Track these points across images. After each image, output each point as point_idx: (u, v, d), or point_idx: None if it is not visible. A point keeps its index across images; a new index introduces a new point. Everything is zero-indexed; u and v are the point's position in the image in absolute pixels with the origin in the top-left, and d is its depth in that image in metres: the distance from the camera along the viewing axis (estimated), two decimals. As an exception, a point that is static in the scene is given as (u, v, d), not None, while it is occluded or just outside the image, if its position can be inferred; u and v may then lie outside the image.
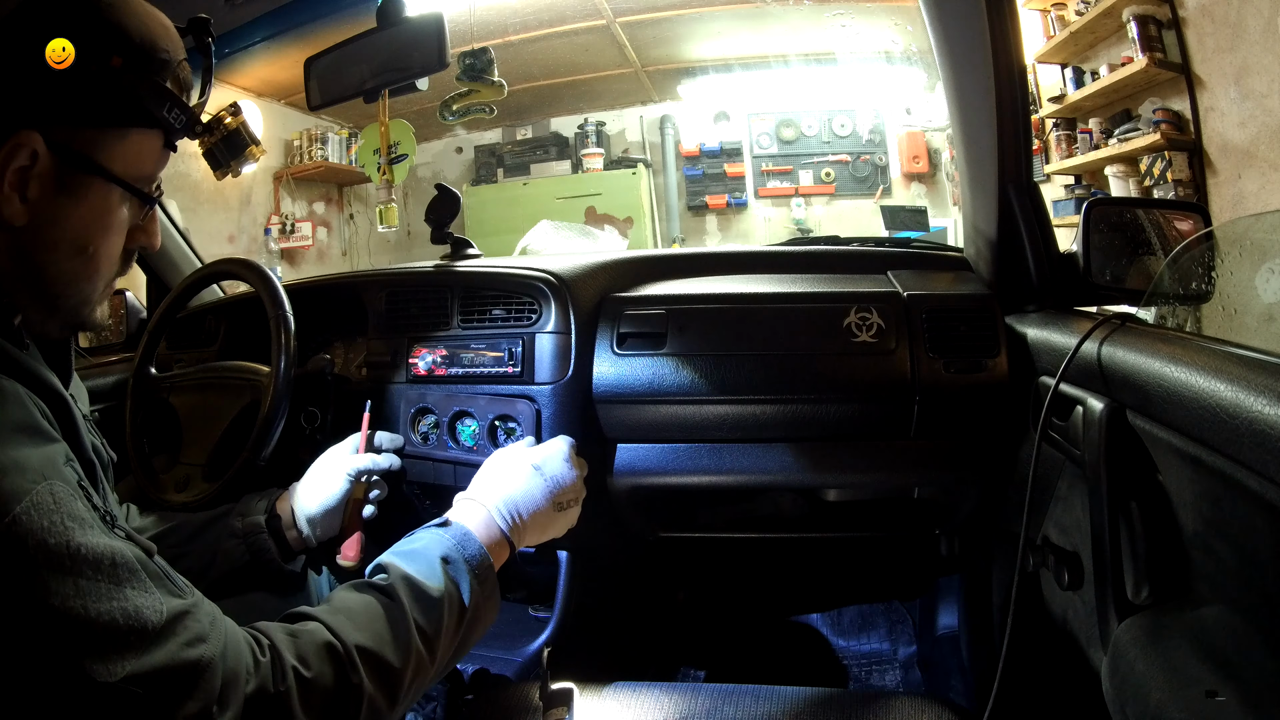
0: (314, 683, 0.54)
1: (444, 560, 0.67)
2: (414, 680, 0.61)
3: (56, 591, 0.44)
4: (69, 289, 0.58)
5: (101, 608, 0.45)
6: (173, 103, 0.59)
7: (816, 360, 0.99)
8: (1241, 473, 0.50)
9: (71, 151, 0.55)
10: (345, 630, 0.58)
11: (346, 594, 0.63)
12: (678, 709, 0.81)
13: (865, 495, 1.18)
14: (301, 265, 4.48)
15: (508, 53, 3.79)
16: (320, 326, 1.21)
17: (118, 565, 0.47)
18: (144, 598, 0.48)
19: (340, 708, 0.55)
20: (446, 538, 0.70)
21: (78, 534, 0.46)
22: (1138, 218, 1.00)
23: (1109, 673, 0.66)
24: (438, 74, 1.14)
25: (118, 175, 0.57)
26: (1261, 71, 2.31)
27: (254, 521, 0.88)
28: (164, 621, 0.48)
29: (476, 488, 0.79)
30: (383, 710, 0.58)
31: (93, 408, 1.25)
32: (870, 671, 1.45)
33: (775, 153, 4.89)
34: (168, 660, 0.47)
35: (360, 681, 0.56)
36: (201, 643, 0.49)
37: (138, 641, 0.46)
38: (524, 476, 0.80)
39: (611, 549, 1.23)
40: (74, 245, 0.57)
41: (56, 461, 0.49)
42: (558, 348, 1.00)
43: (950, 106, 0.99)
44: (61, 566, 0.45)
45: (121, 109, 0.56)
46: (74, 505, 0.47)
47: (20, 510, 0.44)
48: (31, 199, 0.53)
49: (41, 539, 0.44)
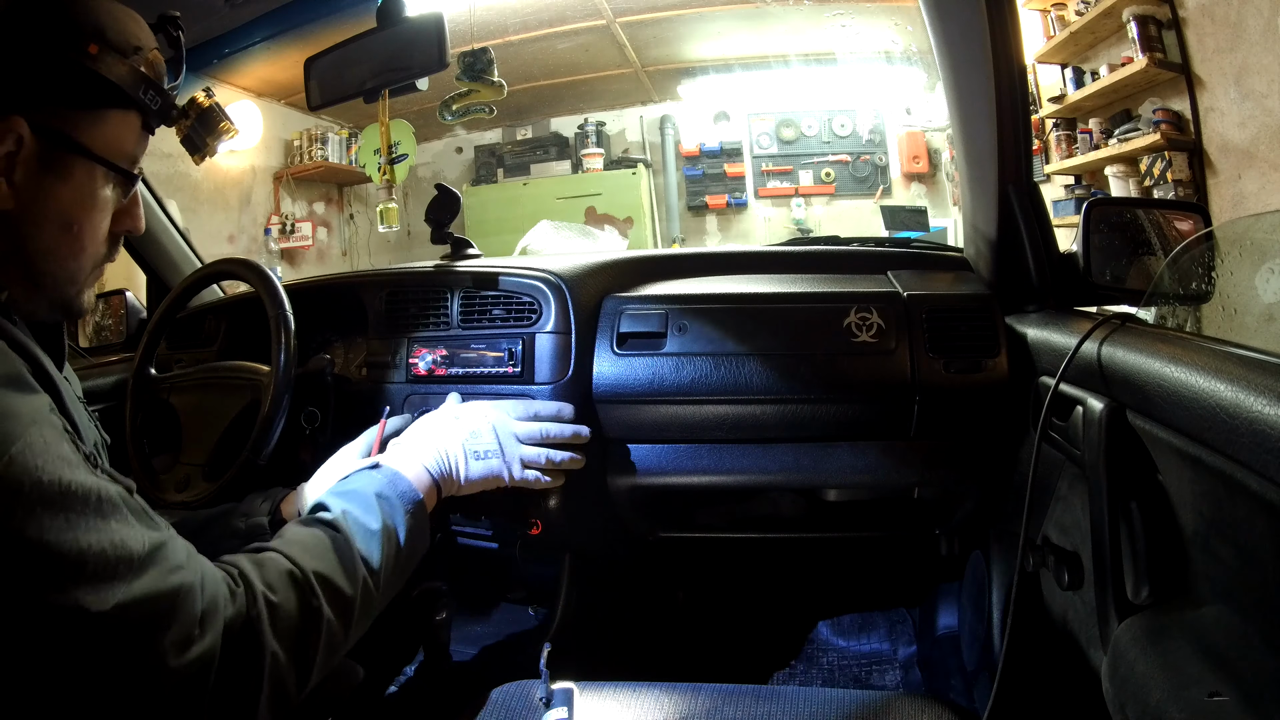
0: (281, 607, 0.58)
1: (378, 497, 0.72)
2: (362, 607, 0.65)
3: (50, 526, 0.46)
4: (54, 266, 0.62)
5: (91, 539, 0.48)
6: (147, 84, 0.64)
7: (816, 360, 0.99)
8: (1241, 473, 0.50)
9: (55, 133, 0.59)
10: (302, 559, 0.62)
11: (296, 528, 0.67)
12: (678, 709, 0.81)
13: (865, 495, 1.18)
14: (301, 265, 4.47)
15: (508, 53, 3.79)
16: (320, 326, 1.21)
17: (103, 500, 0.50)
18: (128, 529, 0.50)
19: (304, 630, 0.59)
20: (379, 478, 0.75)
21: (68, 472, 0.48)
22: (1138, 218, 1.00)
23: (1109, 673, 0.66)
24: (438, 74, 1.14)
25: (99, 154, 0.61)
26: (1261, 71, 2.31)
27: (258, 522, 0.87)
28: (146, 551, 0.50)
29: (405, 436, 0.86)
30: (337, 634, 0.62)
31: (93, 408, 1.25)
32: (870, 671, 1.44)
33: (775, 153, 4.89)
34: (153, 586, 0.49)
35: (319, 605, 0.60)
36: (181, 569, 0.52)
37: (125, 571, 0.49)
38: (443, 426, 0.86)
39: (611, 549, 1.23)
40: (59, 223, 0.61)
41: (43, 409, 0.51)
42: (558, 348, 1.00)
43: (950, 106, 0.99)
44: (54, 503, 0.47)
45: (99, 91, 0.61)
46: (62, 447, 0.50)
47: (16, 451, 0.46)
48: (18, 183, 0.57)
49: (36, 477, 0.46)
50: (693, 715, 0.80)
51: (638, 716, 0.81)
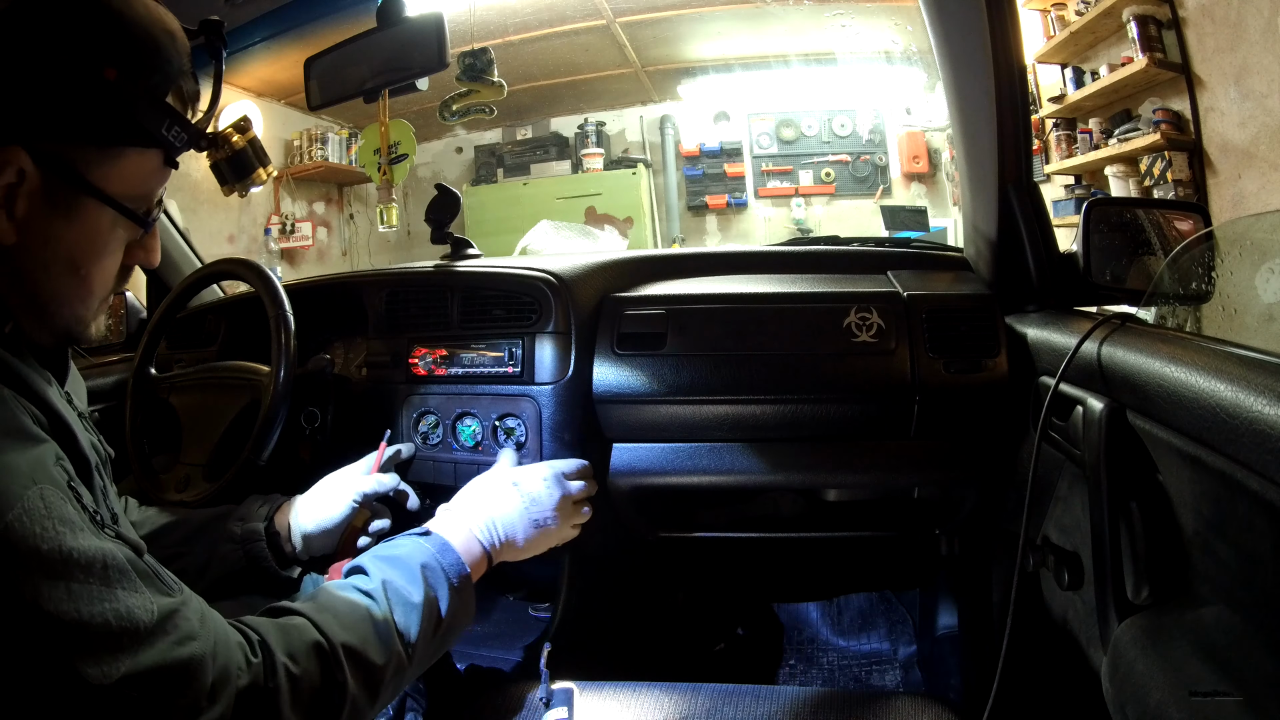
0: (301, 680, 0.55)
1: (423, 568, 0.68)
2: (392, 680, 0.63)
3: (50, 596, 0.44)
4: (62, 308, 0.57)
5: (94, 610, 0.45)
6: (173, 120, 0.55)
7: (816, 360, 0.99)
8: (1241, 473, 0.50)
9: (62, 168, 0.52)
10: (332, 629, 0.59)
11: (332, 594, 0.64)
12: (678, 709, 0.81)
13: (865, 495, 1.18)
14: (301, 265, 4.47)
15: (508, 53, 3.79)
16: (320, 326, 1.21)
17: (108, 567, 0.47)
18: (135, 598, 0.48)
19: (325, 705, 0.56)
20: (427, 546, 0.71)
21: (69, 538, 0.46)
22: (1138, 218, 1.00)
23: (1109, 673, 0.66)
24: (438, 74, 1.14)
25: (112, 196, 0.54)
26: (1261, 71, 2.31)
27: (253, 528, 0.87)
28: (155, 621, 0.48)
29: (457, 502, 0.83)
30: (363, 708, 0.59)
31: (93, 408, 1.25)
32: (870, 671, 1.44)
33: (775, 153, 4.89)
34: (160, 659, 0.47)
35: (345, 680, 0.57)
36: (192, 640, 0.49)
37: (130, 642, 0.46)
38: (501, 493, 0.84)
39: (611, 549, 1.23)
40: (66, 265, 0.55)
41: (46, 463, 0.48)
42: (558, 348, 1.00)
43: (950, 106, 0.99)
44: (54, 571, 0.45)
45: (115, 127, 0.53)
46: (64, 509, 0.47)
47: (13, 517, 0.44)
48: (20, 217, 0.51)
49: (34, 545, 0.44)
50: (693, 715, 0.80)
51: (638, 716, 0.81)
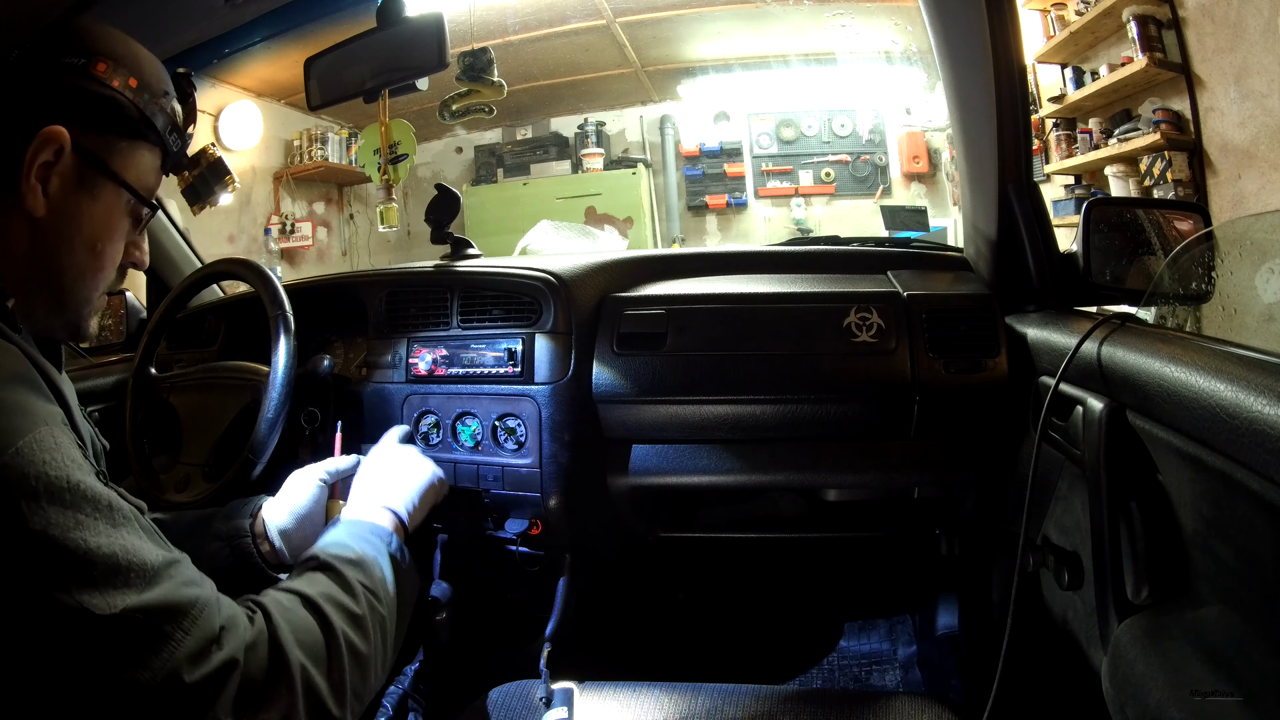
0: (297, 624, 0.58)
1: (350, 536, 0.74)
2: (373, 619, 0.66)
3: (57, 522, 0.46)
4: (77, 284, 0.64)
5: (101, 542, 0.47)
6: (173, 125, 0.68)
7: (816, 360, 0.99)
8: (1241, 473, 0.50)
9: (91, 154, 0.62)
10: (303, 587, 0.63)
11: (284, 580, 0.68)
12: (678, 709, 0.81)
13: (865, 495, 1.18)
14: (301, 265, 4.47)
15: (508, 53, 3.79)
16: (320, 326, 1.21)
17: (114, 509, 0.49)
18: (142, 542, 0.50)
19: (325, 642, 0.59)
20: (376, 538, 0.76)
21: (77, 472, 0.48)
22: (1138, 218, 1.00)
23: (1109, 673, 0.66)
24: (438, 74, 1.14)
25: (128, 181, 0.64)
26: (1261, 71, 2.31)
27: (237, 525, 0.88)
28: (162, 563, 0.50)
29: (376, 491, 0.85)
30: (358, 646, 0.63)
31: (93, 408, 1.25)
32: (870, 671, 1.44)
33: (775, 153, 4.89)
34: (167, 596, 0.49)
35: (331, 621, 0.61)
36: (196, 585, 0.52)
37: (137, 579, 0.48)
38: (406, 473, 0.87)
39: (611, 549, 1.23)
40: (86, 242, 0.63)
41: (57, 417, 0.51)
42: (558, 348, 1.00)
43: (950, 106, 0.99)
44: (62, 500, 0.46)
45: (136, 123, 0.65)
46: (74, 451, 0.49)
47: (23, 443, 0.46)
48: (52, 193, 0.60)
49: (42, 470, 0.46)
50: (693, 715, 0.80)
51: (638, 716, 0.81)
